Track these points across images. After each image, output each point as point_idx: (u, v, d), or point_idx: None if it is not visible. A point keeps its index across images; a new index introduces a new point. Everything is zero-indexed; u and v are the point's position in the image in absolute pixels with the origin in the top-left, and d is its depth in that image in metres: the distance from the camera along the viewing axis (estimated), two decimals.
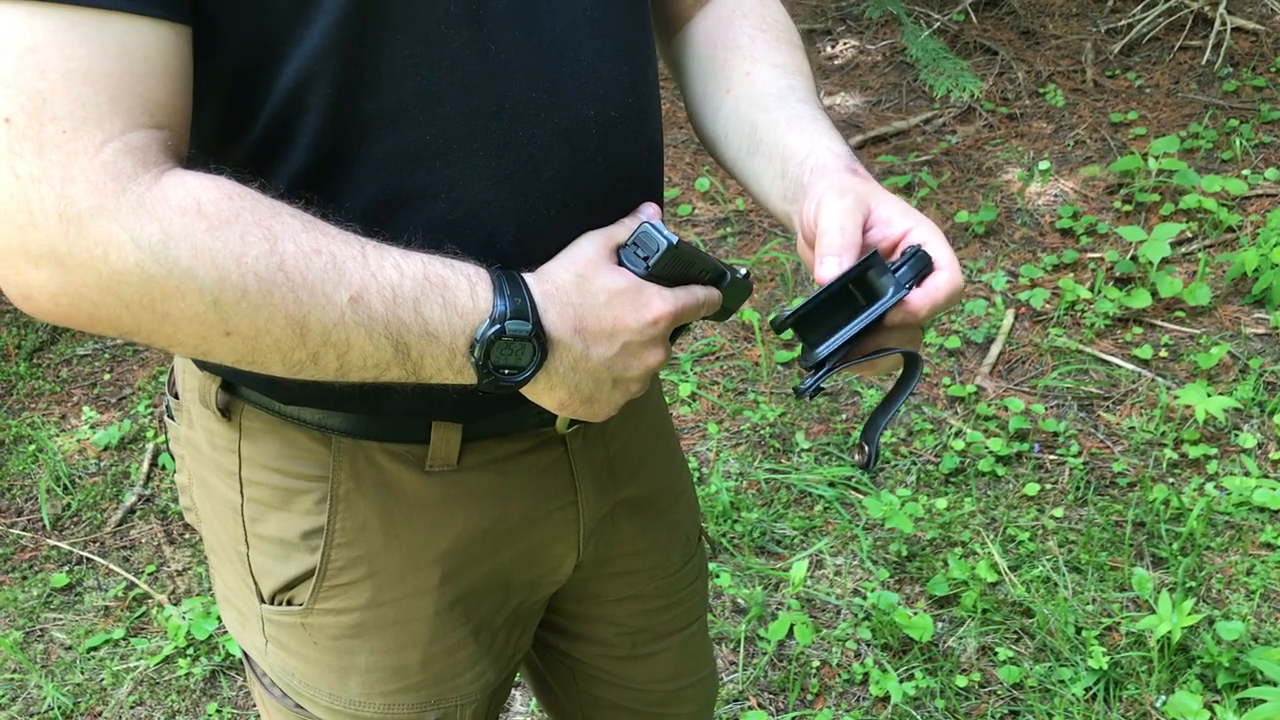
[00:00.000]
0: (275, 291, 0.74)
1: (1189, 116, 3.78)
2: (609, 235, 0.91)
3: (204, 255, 0.72)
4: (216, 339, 0.75)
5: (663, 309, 0.89)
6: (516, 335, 0.82)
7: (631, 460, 1.16)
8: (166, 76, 0.74)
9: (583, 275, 0.88)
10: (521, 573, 1.11)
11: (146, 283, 0.72)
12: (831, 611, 2.38)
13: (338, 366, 0.79)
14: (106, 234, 0.70)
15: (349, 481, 0.99)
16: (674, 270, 0.93)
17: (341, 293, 0.76)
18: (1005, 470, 2.66)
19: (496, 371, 0.83)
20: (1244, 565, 2.38)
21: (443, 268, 0.81)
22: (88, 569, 2.64)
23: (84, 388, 3.20)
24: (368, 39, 0.80)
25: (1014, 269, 3.26)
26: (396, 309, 0.78)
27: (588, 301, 0.86)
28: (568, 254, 0.90)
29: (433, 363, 0.81)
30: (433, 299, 0.80)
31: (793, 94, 1.03)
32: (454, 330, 0.81)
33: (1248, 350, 2.90)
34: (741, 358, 3.08)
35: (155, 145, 0.73)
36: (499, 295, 0.82)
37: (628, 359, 0.89)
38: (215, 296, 0.73)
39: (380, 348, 0.79)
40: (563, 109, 0.88)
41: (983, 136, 3.84)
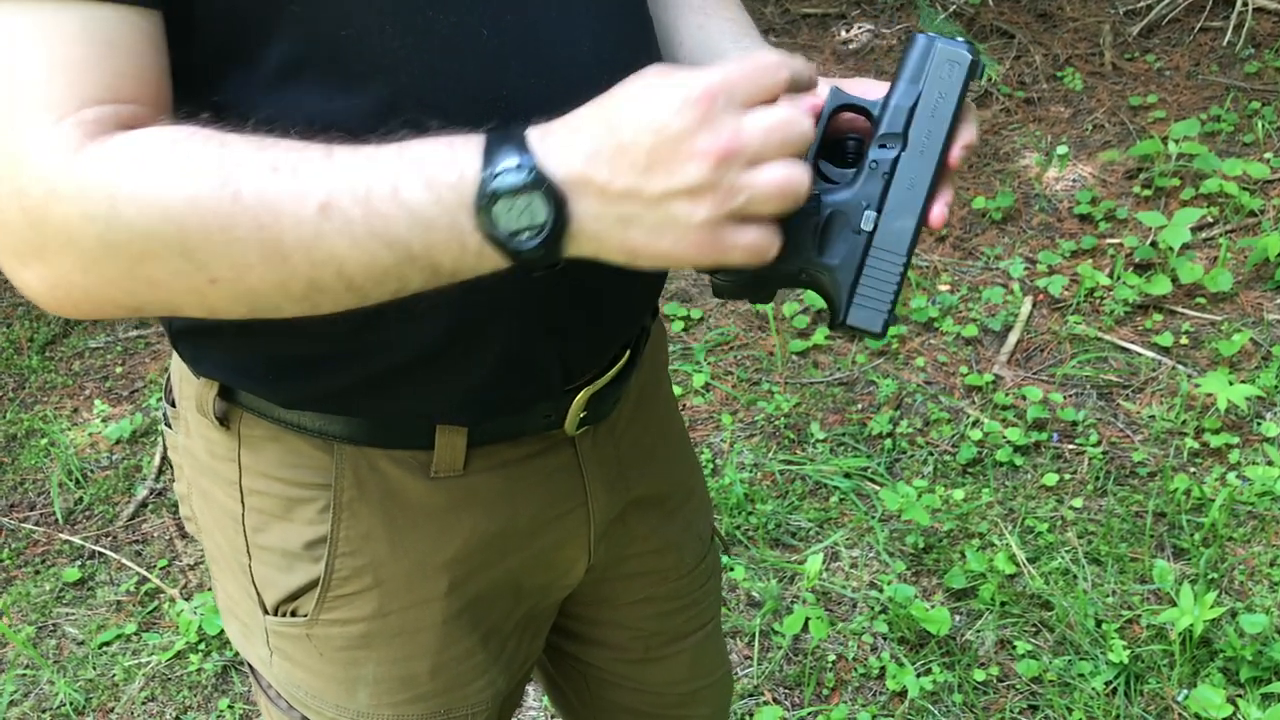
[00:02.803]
0: (238, 224, 0.68)
1: (1210, 99, 3.72)
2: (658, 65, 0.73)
3: (154, 208, 0.68)
4: (208, 290, 0.71)
5: (694, 86, 0.68)
6: (514, 188, 0.68)
7: (641, 458, 1.14)
8: (133, 55, 0.72)
9: (606, 95, 0.71)
10: (531, 578, 1.09)
11: (113, 253, 0.69)
12: (847, 605, 2.36)
13: (345, 287, 0.71)
14: (63, 215, 0.68)
15: (352, 489, 0.97)
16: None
17: (308, 204, 0.68)
18: (1023, 460, 2.63)
19: (514, 240, 0.69)
20: (1267, 556, 2.34)
21: (421, 144, 0.71)
22: (100, 563, 2.63)
23: (96, 381, 3.19)
24: (346, 33, 0.77)
25: (1032, 255, 3.22)
26: (374, 204, 0.68)
27: (602, 120, 0.70)
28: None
29: (445, 254, 0.70)
30: (412, 180, 0.69)
31: (747, 37, 1.00)
32: (448, 208, 0.69)
33: (1270, 337, 2.86)
34: (756, 347, 3.05)
35: (112, 118, 0.70)
36: (487, 153, 0.69)
37: (669, 165, 0.68)
38: (181, 247, 0.69)
39: (374, 253, 0.69)
40: (562, 95, 0.84)
41: (999, 121, 3.79)
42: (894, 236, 0.79)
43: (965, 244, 3.32)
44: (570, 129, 0.70)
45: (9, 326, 3.41)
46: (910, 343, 3.00)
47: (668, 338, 1.19)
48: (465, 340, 0.89)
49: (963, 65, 0.79)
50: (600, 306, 0.96)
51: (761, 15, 4.41)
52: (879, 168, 0.79)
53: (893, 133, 0.79)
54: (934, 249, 3.30)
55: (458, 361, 0.90)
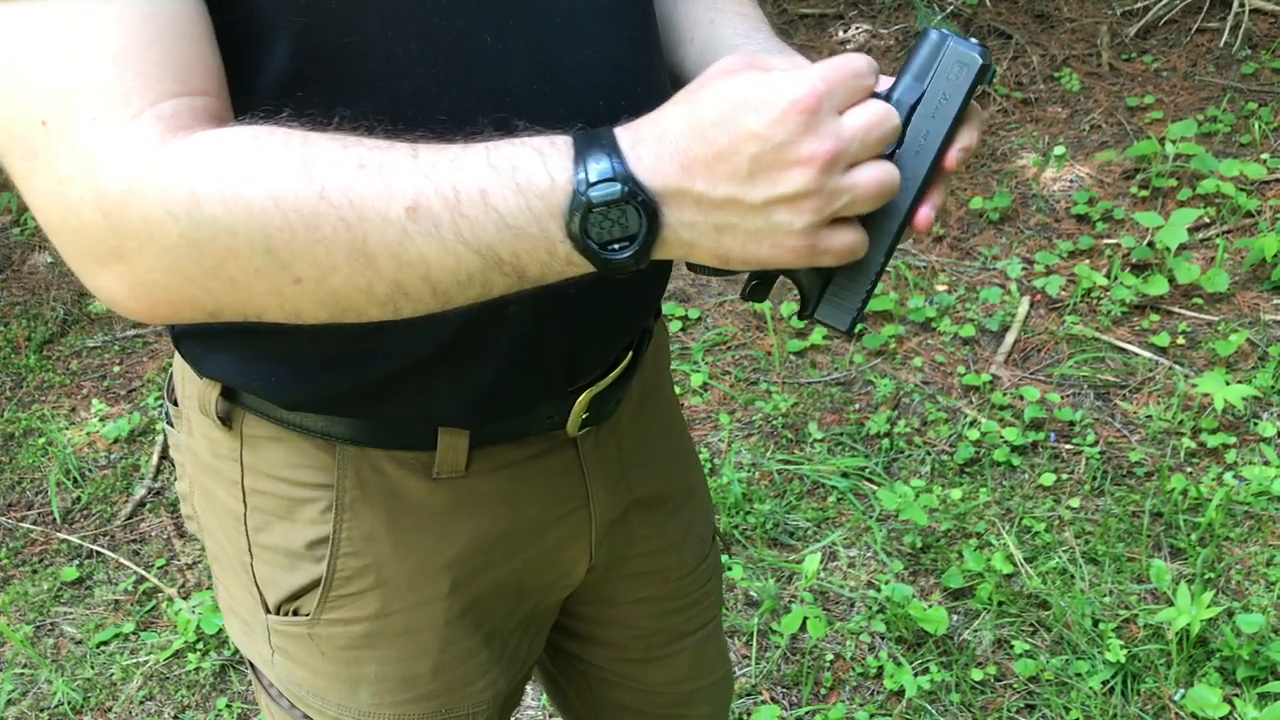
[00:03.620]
0: (323, 223, 0.67)
1: (1207, 100, 3.73)
2: (746, 55, 0.73)
3: (238, 206, 0.66)
4: (291, 291, 0.69)
5: (797, 92, 0.67)
6: (607, 201, 0.67)
7: (643, 459, 1.14)
8: (194, 40, 0.70)
9: (685, 102, 0.70)
10: (533, 578, 1.09)
11: (196, 251, 0.67)
12: (845, 604, 2.36)
13: (430, 291, 0.70)
14: (144, 213, 0.66)
15: (355, 490, 0.97)
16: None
17: (395, 206, 0.67)
18: (1021, 460, 2.63)
19: (606, 249, 0.69)
20: (1264, 556, 2.35)
21: (510, 147, 0.69)
22: (98, 563, 2.63)
23: (94, 380, 3.19)
24: (349, 39, 0.77)
25: (1029, 256, 3.23)
26: (462, 208, 0.67)
27: (694, 125, 0.68)
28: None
29: (533, 260, 0.69)
30: (502, 185, 0.68)
31: (759, 33, 0.99)
32: (537, 216, 0.68)
33: (1267, 337, 2.86)
34: (753, 347, 3.05)
35: (188, 111, 0.69)
36: (578, 161, 0.68)
37: (773, 174, 0.67)
38: (265, 245, 0.67)
39: (461, 257, 0.68)
40: (569, 100, 0.84)
41: (997, 121, 3.80)
42: (875, 235, 0.77)
43: (963, 244, 3.32)
44: (660, 134, 0.69)
45: (6, 325, 3.41)
46: (908, 343, 3.00)
47: (669, 338, 1.19)
48: (470, 344, 0.89)
49: (972, 68, 0.77)
50: (605, 307, 0.96)
51: None
52: None
53: None
54: (931, 249, 3.31)
55: (463, 365, 0.90)
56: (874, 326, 3.05)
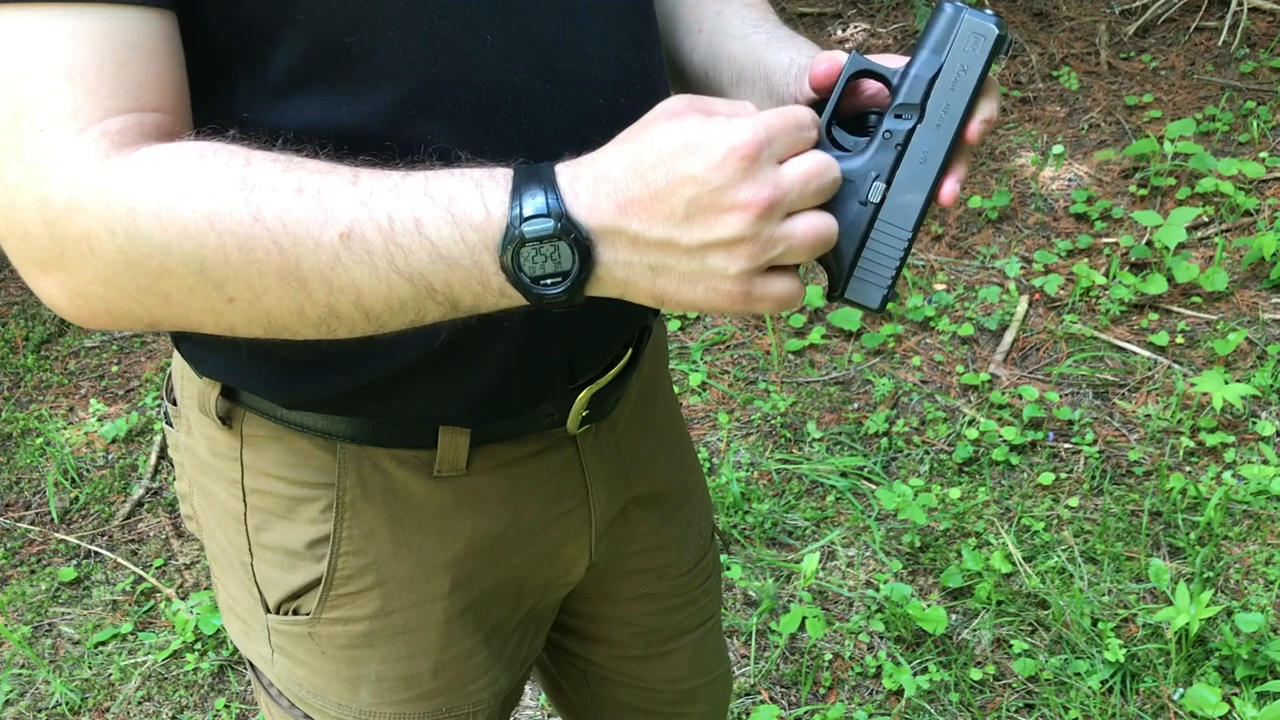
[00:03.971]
0: (256, 246, 0.68)
1: (1205, 99, 3.73)
2: (691, 97, 0.72)
3: (173, 224, 0.67)
4: (225, 309, 0.71)
5: (737, 139, 0.67)
6: (539, 236, 0.67)
7: (643, 457, 1.14)
8: (153, 59, 0.71)
9: (626, 142, 0.70)
10: (533, 576, 1.09)
11: (132, 267, 0.69)
12: (844, 604, 2.36)
13: (363, 316, 0.71)
14: (84, 227, 0.68)
15: (355, 489, 0.97)
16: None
17: (329, 231, 0.67)
18: (1019, 459, 2.63)
19: (538, 284, 0.69)
20: (1263, 555, 2.35)
21: (449, 177, 0.70)
22: (95, 563, 2.63)
23: (91, 380, 3.19)
24: (356, 37, 0.77)
25: (1028, 255, 3.23)
26: (396, 236, 0.68)
27: (634, 166, 0.68)
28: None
29: (466, 290, 0.70)
30: (437, 216, 0.68)
31: (767, 23, 0.99)
32: (471, 247, 0.68)
33: (1266, 336, 2.86)
34: (752, 346, 3.05)
35: (135, 128, 0.70)
36: (515, 195, 0.68)
37: (709, 218, 0.67)
38: (199, 265, 0.68)
39: (394, 285, 0.69)
40: (570, 98, 0.85)
41: (995, 120, 3.80)
42: (901, 211, 0.77)
43: (961, 243, 3.32)
44: (599, 173, 0.69)
45: (4, 325, 3.41)
46: (906, 342, 3.00)
47: (668, 336, 1.19)
48: (470, 343, 0.89)
49: (988, 39, 0.76)
50: (608, 306, 0.95)
51: None
52: (893, 138, 0.77)
53: (909, 103, 0.77)
54: (930, 248, 3.31)
55: (462, 364, 0.90)
56: (872, 326, 3.05)
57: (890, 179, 0.77)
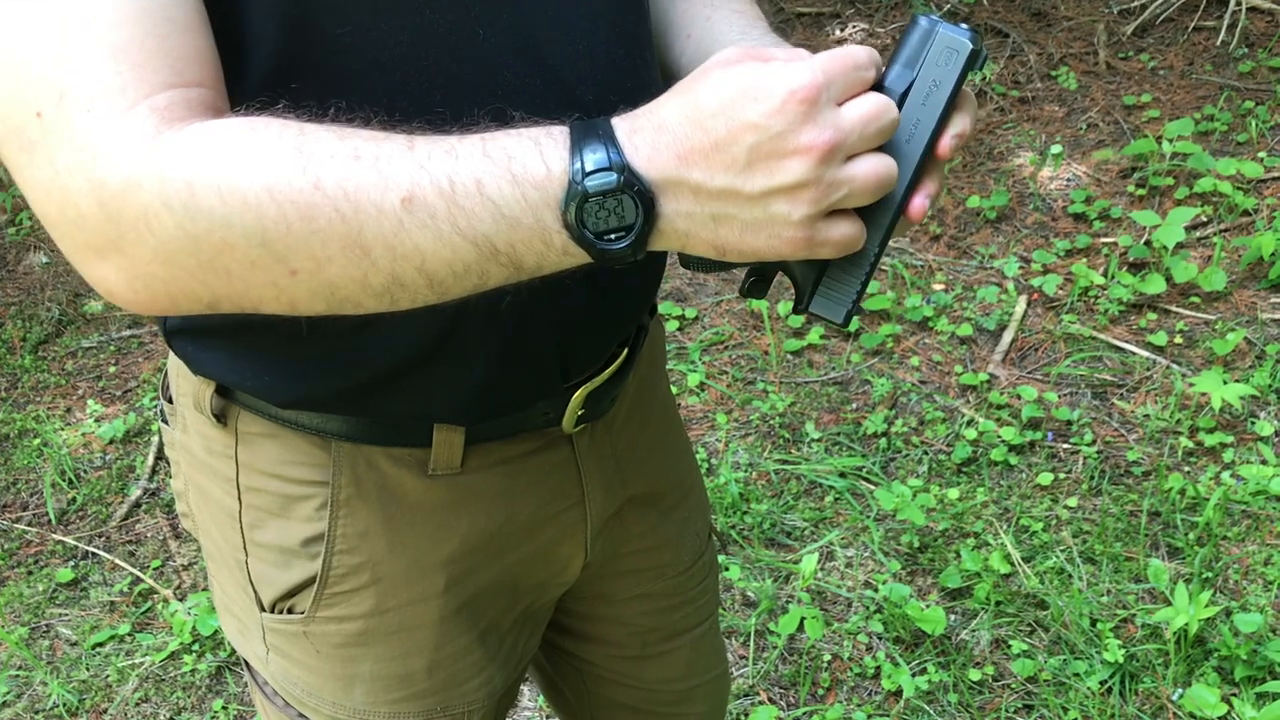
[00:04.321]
0: (318, 214, 0.67)
1: (1203, 98, 3.73)
2: (746, 47, 0.72)
3: (232, 196, 0.66)
4: (287, 283, 0.69)
5: (796, 82, 0.66)
6: (603, 190, 0.67)
7: (639, 456, 1.14)
8: (190, 32, 0.70)
9: (682, 93, 0.69)
10: (529, 575, 1.09)
11: (192, 243, 0.67)
12: (842, 604, 2.36)
13: (426, 282, 0.70)
14: (141, 204, 0.66)
15: (350, 487, 0.97)
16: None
17: (390, 197, 0.67)
18: (1018, 460, 2.63)
19: (602, 240, 0.69)
20: (1262, 555, 2.35)
21: (506, 137, 0.69)
22: (93, 564, 2.62)
23: (89, 380, 3.18)
24: (342, 31, 0.76)
25: (1026, 255, 3.22)
26: (457, 199, 0.67)
27: (692, 115, 0.68)
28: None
29: (529, 250, 0.69)
30: (497, 176, 0.68)
31: (755, 29, 0.98)
32: (533, 206, 0.68)
33: (1264, 336, 2.86)
34: (750, 347, 3.05)
35: (183, 103, 0.69)
36: (574, 150, 0.68)
37: (771, 164, 0.67)
38: (260, 237, 0.67)
39: (457, 248, 0.68)
40: (560, 94, 0.84)
41: (994, 120, 3.80)
42: (868, 225, 0.76)
43: (960, 243, 3.32)
44: (658, 124, 0.69)
45: (1, 326, 3.40)
46: (905, 342, 3.00)
47: (665, 335, 1.18)
48: (463, 341, 0.88)
49: (962, 54, 0.76)
50: (602, 304, 0.95)
51: None
52: None
53: None
54: (929, 248, 3.30)
55: (456, 362, 0.90)
56: (871, 326, 3.04)
57: None
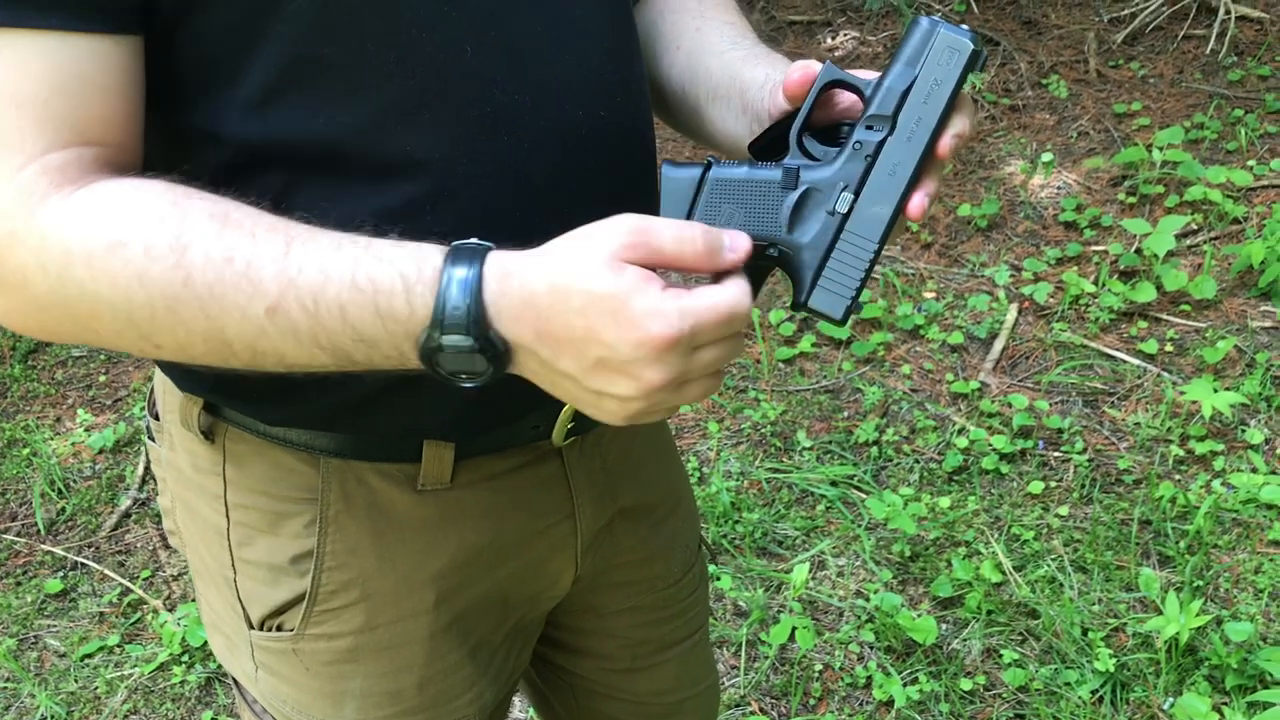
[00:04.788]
0: (182, 308, 0.71)
1: (1193, 107, 3.74)
2: (641, 229, 0.73)
3: (104, 275, 0.70)
4: (153, 351, 0.75)
5: (660, 329, 0.70)
6: (456, 349, 0.72)
7: (629, 469, 1.13)
8: (103, 92, 0.72)
9: (560, 272, 0.72)
10: (519, 589, 1.09)
11: (63, 304, 0.72)
12: (834, 614, 2.36)
13: (286, 369, 0.76)
14: (18, 261, 0.70)
15: (339, 503, 0.96)
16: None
17: (256, 305, 0.71)
18: (1009, 468, 2.63)
19: (454, 377, 0.74)
20: (1252, 564, 2.35)
21: (376, 266, 0.72)
22: (82, 574, 2.61)
23: (79, 390, 3.17)
24: (333, 49, 0.76)
25: (1017, 263, 3.23)
26: (320, 317, 0.72)
27: (556, 304, 0.71)
28: (568, 239, 0.74)
29: (386, 363, 0.75)
30: (362, 307, 0.72)
31: (745, 40, 0.99)
32: (393, 336, 0.73)
33: (1254, 344, 2.87)
34: (742, 355, 3.05)
35: (78, 163, 0.71)
36: (441, 300, 0.71)
37: (611, 376, 0.72)
38: (127, 316, 0.71)
39: (315, 355, 0.74)
40: (550, 111, 0.85)
41: (985, 128, 3.80)
42: (868, 222, 0.77)
43: (950, 251, 3.32)
44: (526, 297, 0.72)
45: None
46: (896, 350, 3.00)
47: None
48: None
49: (963, 54, 0.76)
50: None
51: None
52: (863, 149, 0.77)
53: (881, 115, 0.77)
54: (919, 256, 3.31)
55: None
56: (862, 334, 3.05)
57: (859, 190, 0.77)
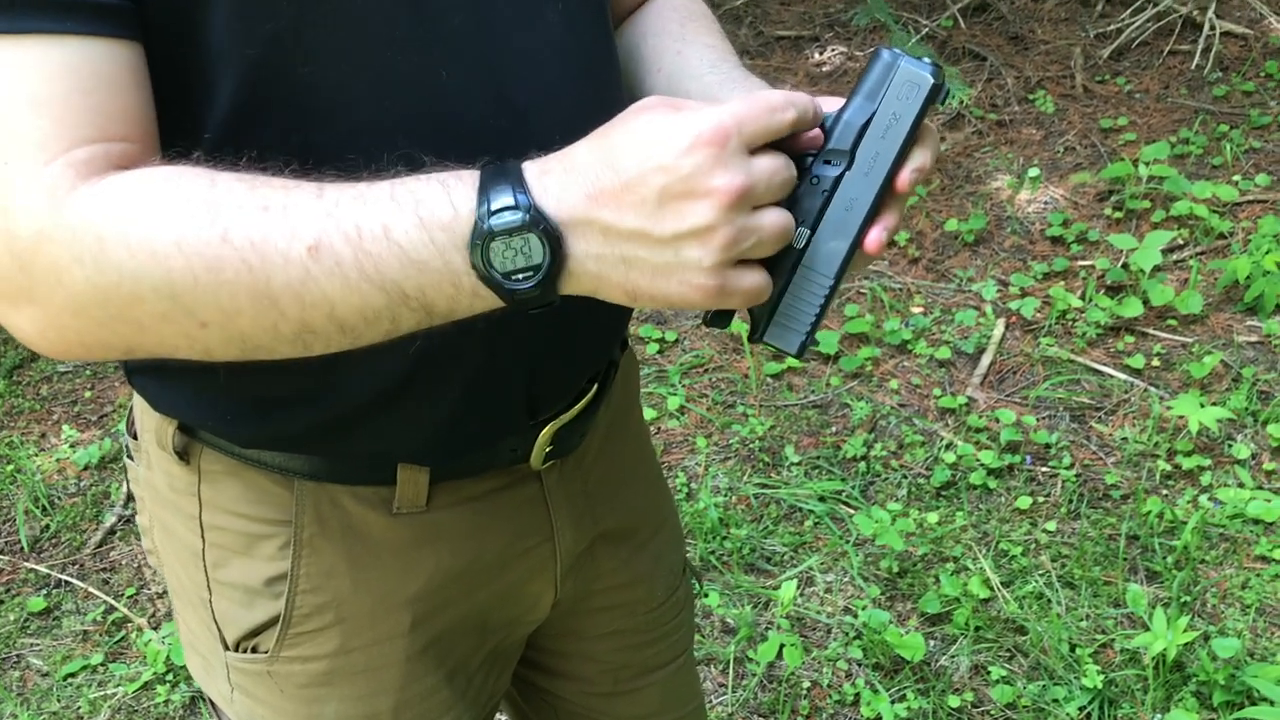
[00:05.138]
0: (225, 266, 0.67)
1: (1179, 122, 3.75)
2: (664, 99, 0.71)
3: (141, 250, 0.67)
4: (199, 334, 0.70)
5: (705, 125, 0.66)
6: (509, 228, 0.66)
7: (610, 490, 1.13)
8: (119, 90, 0.71)
9: (604, 130, 0.70)
10: (497, 613, 1.08)
11: (102, 296, 0.68)
12: (822, 630, 2.35)
13: (338, 329, 0.70)
14: (51, 258, 0.67)
15: (313, 525, 0.96)
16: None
17: (296, 245, 0.67)
18: (997, 483, 2.63)
19: (510, 280, 0.68)
20: (1239, 579, 2.35)
21: (415, 181, 0.69)
22: (66, 592, 2.60)
23: (64, 405, 3.16)
24: (304, 70, 0.76)
25: (1004, 278, 3.23)
26: (364, 245, 0.67)
27: (604, 157, 0.68)
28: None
29: (439, 294, 0.69)
30: (404, 219, 0.67)
31: (725, 64, 0.98)
32: (441, 248, 0.68)
33: (1240, 359, 2.87)
34: (730, 370, 3.04)
35: (103, 158, 0.69)
36: (482, 192, 0.68)
37: (681, 206, 0.66)
38: (169, 290, 0.68)
39: (366, 294, 0.68)
40: (528, 134, 0.84)
41: (972, 143, 3.81)
42: (825, 258, 0.76)
43: (938, 266, 3.33)
44: (569, 165, 0.69)
45: None
46: (884, 365, 3.00)
47: (638, 367, 1.17)
48: (428, 378, 0.88)
49: (923, 88, 0.75)
50: (567, 340, 0.95)
51: (735, 37, 4.43)
52: (819, 184, 0.76)
53: (839, 149, 0.76)
54: (907, 271, 3.31)
55: (421, 400, 0.89)
56: (850, 349, 3.04)
57: (815, 225, 0.76)
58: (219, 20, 0.73)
